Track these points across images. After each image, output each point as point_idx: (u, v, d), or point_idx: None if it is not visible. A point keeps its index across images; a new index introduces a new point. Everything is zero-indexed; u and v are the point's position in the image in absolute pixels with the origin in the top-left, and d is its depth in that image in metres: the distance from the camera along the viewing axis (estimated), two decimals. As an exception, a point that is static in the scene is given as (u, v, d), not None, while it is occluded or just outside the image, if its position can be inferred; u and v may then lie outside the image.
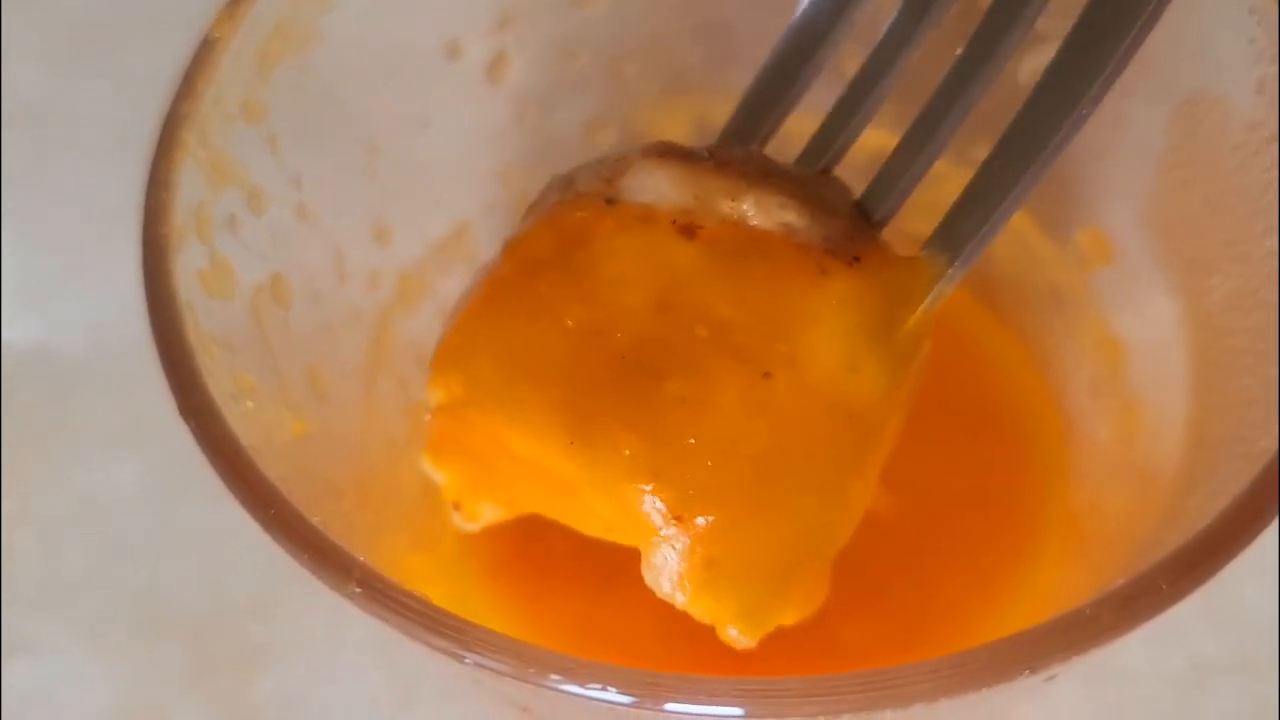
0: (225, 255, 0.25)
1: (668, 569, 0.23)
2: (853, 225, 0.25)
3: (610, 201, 0.25)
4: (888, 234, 0.26)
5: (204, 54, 0.26)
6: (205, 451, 0.22)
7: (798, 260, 0.24)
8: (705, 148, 0.27)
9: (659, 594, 0.24)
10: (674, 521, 0.23)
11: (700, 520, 0.23)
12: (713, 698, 0.19)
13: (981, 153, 0.24)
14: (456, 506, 0.27)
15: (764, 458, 0.23)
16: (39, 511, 0.38)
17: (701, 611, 0.24)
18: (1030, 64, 0.26)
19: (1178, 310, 0.29)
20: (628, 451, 0.23)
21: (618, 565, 0.34)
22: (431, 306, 0.34)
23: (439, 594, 0.22)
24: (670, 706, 0.19)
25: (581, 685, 0.19)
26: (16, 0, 0.48)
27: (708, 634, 0.33)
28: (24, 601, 0.37)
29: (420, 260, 0.33)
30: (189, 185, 0.25)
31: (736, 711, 0.19)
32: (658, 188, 0.25)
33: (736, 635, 0.24)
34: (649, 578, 0.24)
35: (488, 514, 0.27)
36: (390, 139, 0.31)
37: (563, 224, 0.25)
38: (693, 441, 0.23)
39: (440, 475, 0.27)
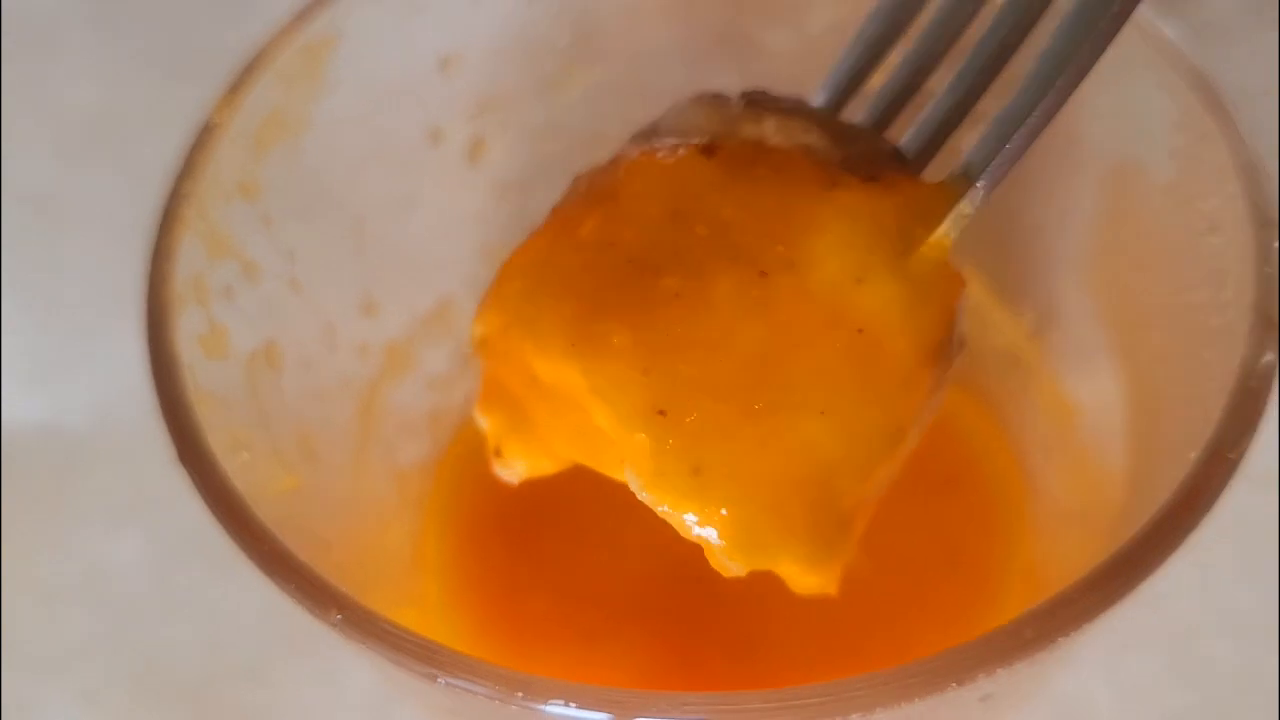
0: (222, 322, 0.27)
1: (650, 470, 0.22)
2: (877, 152, 0.25)
3: (649, 141, 0.25)
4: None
5: (204, 138, 0.27)
6: (202, 495, 0.23)
7: (810, 173, 0.24)
8: (743, 92, 0.27)
9: (641, 498, 0.23)
10: (657, 416, 0.22)
11: (684, 417, 0.22)
12: (668, 708, 0.20)
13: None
14: (497, 453, 0.27)
15: (759, 360, 0.22)
16: (43, 581, 0.39)
17: (686, 525, 0.23)
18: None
19: (1116, 367, 0.30)
20: (617, 341, 0.23)
21: (599, 626, 0.35)
22: (418, 377, 0.35)
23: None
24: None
25: (542, 702, 0.20)
26: (22, 92, 0.50)
27: (688, 689, 0.34)
28: (26, 668, 0.38)
29: (407, 333, 0.35)
30: (189, 256, 0.26)
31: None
32: (690, 119, 0.26)
33: (724, 557, 0.23)
34: (633, 484, 0.23)
35: (532, 464, 0.27)
36: (378, 218, 0.32)
37: (606, 168, 0.26)
38: (683, 334, 0.22)
39: (485, 421, 0.27)
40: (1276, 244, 0.24)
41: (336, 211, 0.31)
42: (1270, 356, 0.23)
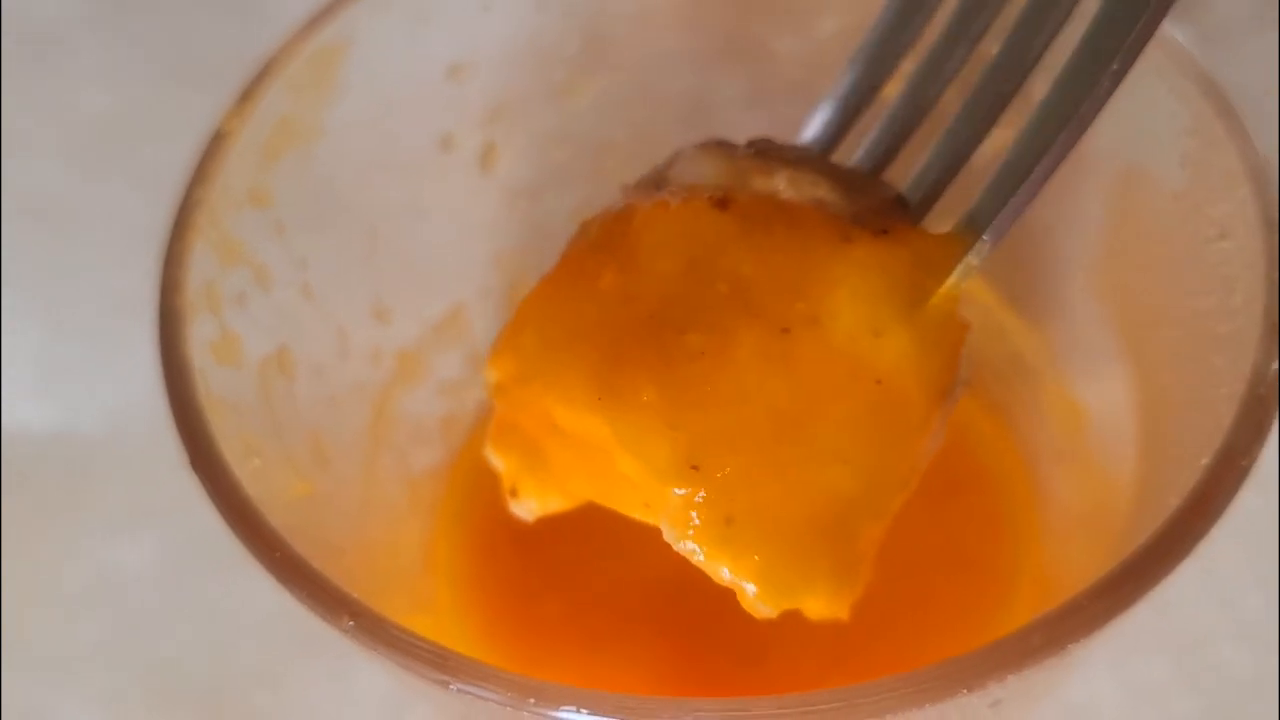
0: (234, 328, 0.27)
1: (685, 522, 0.23)
2: (884, 204, 0.26)
3: (659, 187, 0.26)
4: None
5: (215, 146, 0.28)
6: (214, 502, 0.24)
7: (824, 227, 0.25)
8: (749, 140, 0.27)
9: (676, 549, 0.24)
10: (690, 470, 0.23)
11: (716, 471, 0.23)
12: (679, 714, 0.20)
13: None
14: (513, 493, 0.28)
15: (784, 413, 0.23)
16: (57, 585, 0.40)
17: (719, 571, 0.24)
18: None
19: (1125, 372, 0.30)
20: (646, 397, 0.23)
21: (608, 630, 0.35)
22: (430, 384, 0.35)
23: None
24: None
25: (554, 708, 0.21)
26: (33, 98, 0.50)
27: (698, 693, 0.34)
28: (41, 672, 0.38)
29: (419, 340, 0.35)
30: (201, 264, 0.27)
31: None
32: (700, 170, 0.26)
33: (756, 600, 0.24)
34: (668, 535, 0.24)
35: (547, 502, 0.28)
36: (389, 226, 0.33)
37: (617, 212, 0.26)
38: (710, 391, 0.23)
39: (499, 461, 0.28)
40: (1287, 250, 0.24)
41: (348, 218, 0.32)
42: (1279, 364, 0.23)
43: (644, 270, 0.25)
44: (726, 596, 0.34)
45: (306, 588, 0.22)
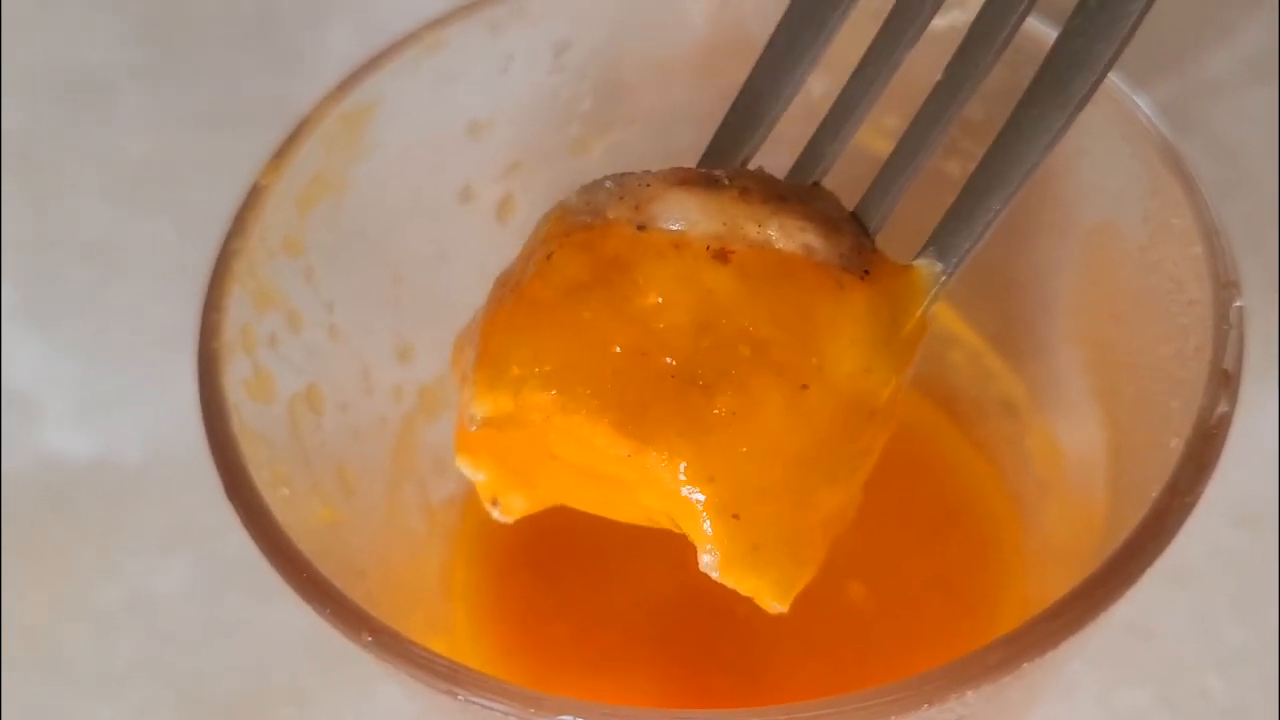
0: (267, 367, 0.29)
1: (720, 556, 0.25)
2: (858, 240, 0.27)
3: (641, 228, 0.26)
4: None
5: (252, 199, 0.29)
6: (247, 527, 0.25)
7: (820, 279, 0.26)
8: (723, 173, 0.27)
9: (711, 576, 0.25)
10: (731, 519, 0.25)
11: (752, 516, 0.25)
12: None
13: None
14: (493, 502, 0.28)
15: (804, 459, 0.25)
16: (96, 605, 0.41)
17: (747, 588, 0.25)
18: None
19: (1098, 413, 0.32)
20: (684, 463, 0.25)
21: (616, 652, 0.37)
22: (449, 418, 0.36)
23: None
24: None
25: (553, 716, 0.23)
26: (80, 142, 0.52)
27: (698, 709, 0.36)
28: (79, 687, 0.40)
29: (439, 376, 0.36)
30: (237, 308, 0.28)
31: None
32: (687, 215, 0.26)
33: (773, 604, 0.26)
34: (703, 564, 0.25)
35: (520, 507, 0.28)
36: (412, 271, 0.34)
37: (597, 249, 0.26)
38: (744, 450, 0.25)
39: (478, 474, 0.28)
40: (1235, 304, 0.26)
41: (374, 265, 0.33)
42: (1224, 408, 0.25)
43: (653, 326, 0.25)
44: (728, 620, 0.36)
45: (330, 606, 0.24)
